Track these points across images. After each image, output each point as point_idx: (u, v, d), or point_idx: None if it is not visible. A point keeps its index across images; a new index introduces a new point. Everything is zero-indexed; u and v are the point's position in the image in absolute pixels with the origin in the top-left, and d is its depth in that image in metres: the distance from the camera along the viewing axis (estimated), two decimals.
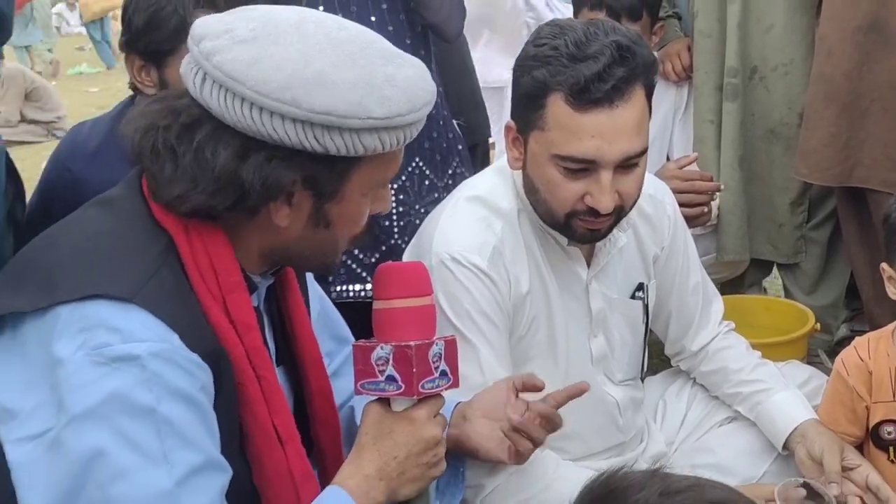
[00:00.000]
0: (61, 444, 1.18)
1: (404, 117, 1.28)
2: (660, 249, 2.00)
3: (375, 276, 1.44)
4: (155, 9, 1.85)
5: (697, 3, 2.82)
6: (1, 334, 1.26)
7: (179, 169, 1.26)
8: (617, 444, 1.99)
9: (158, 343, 1.21)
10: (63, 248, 1.29)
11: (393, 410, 1.41)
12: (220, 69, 1.22)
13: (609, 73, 1.61)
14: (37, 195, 2.06)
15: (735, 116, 2.79)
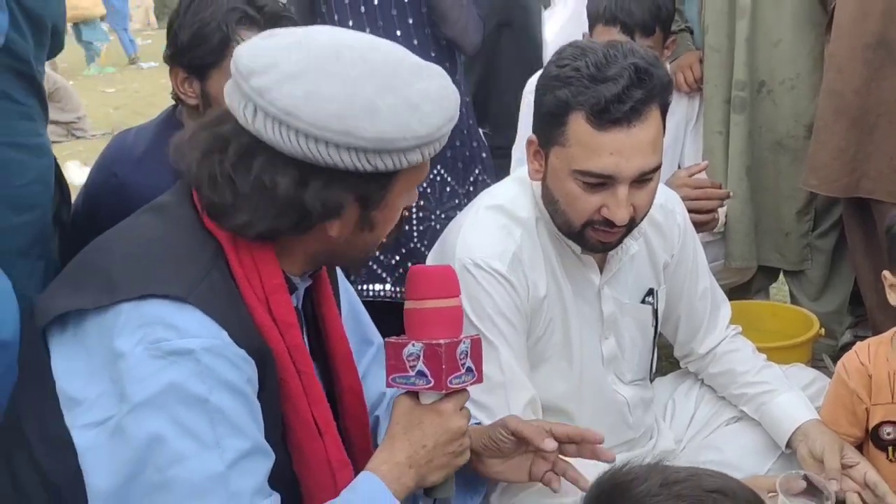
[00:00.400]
0: (123, 430, 1.28)
1: (441, 129, 1.39)
2: (670, 256, 2.10)
3: (408, 278, 1.54)
4: (199, 25, 1.96)
5: (708, 19, 2.91)
6: (65, 330, 1.36)
7: (240, 197, 1.36)
8: (627, 440, 2.09)
9: (210, 339, 1.31)
10: (121, 251, 1.39)
11: (422, 403, 1.51)
12: (275, 105, 1.30)
13: (627, 94, 1.70)
14: (82, 198, 2.17)
15: (743, 128, 2.88)
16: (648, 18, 2.69)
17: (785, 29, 2.82)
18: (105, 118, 9.27)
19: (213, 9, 1.96)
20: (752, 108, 2.88)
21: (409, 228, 2.50)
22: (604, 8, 2.70)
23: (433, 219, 2.53)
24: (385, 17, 2.45)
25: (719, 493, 1.10)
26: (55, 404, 1.33)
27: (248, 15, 1.97)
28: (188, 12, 1.99)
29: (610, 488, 1.16)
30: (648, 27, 2.70)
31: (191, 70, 2.02)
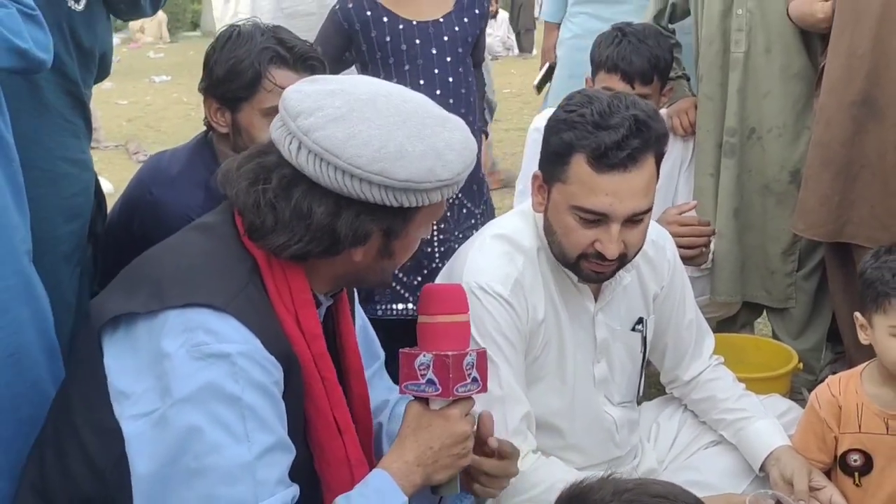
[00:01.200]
0: (166, 421, 1.45)
1: (460, 174, 1.58)
2: (659, 288, 2.26)
3: (421, 295, 1.71)
4: (234, 62, 2.13)
5: (702, 69, 3.08)
6: (116, 331, 1.52)
7: (280, 222, 1.53)
8: (613, 458, 2.23)
9: (245, 345, 1.48)
10: (170, 264, 1.56)
11: (431, 408, 1.66)
12: (318, 144, 1.48)
13: (626, 142, 1.87)
14: (118, 210, 2.33)
15: (732, 171, 3.03)
16: (647, 68, 2.86)
17: (774, 82, 2.98)
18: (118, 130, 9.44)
19: (247, 47, 2.13)
20: (742, 153, 3.03)
21: (430, 250, 2.67)
22: (606, 57, 2.87)
23: (452, 239, 2.70)
24: (427, 74, 2.64)
25: (663, 497, 1.25)
26: (105, 397, 1.49)
27: (279, 54, 2.14)
28: (224, 49, 2.16)
29: (569, 498, 1.33)
30: (647, 76, 2.87)
31: (223, 102, 2.18)
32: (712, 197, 3.09)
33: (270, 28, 2.21)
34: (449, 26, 2.67)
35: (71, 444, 1.54)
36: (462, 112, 2.68)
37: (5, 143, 1.65)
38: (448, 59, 2.65)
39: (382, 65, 2.62)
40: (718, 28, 2.99)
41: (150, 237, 1.89)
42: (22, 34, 1.57)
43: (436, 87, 2.63)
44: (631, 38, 2.88)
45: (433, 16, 2.66)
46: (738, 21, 2.96)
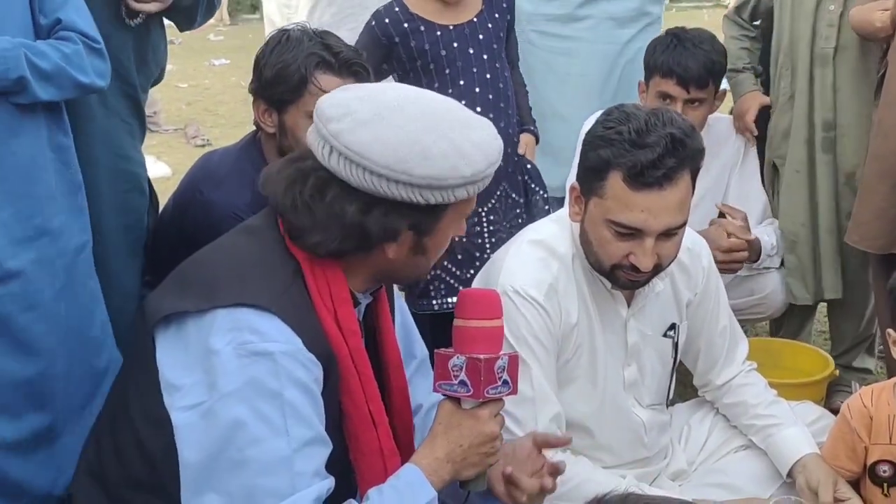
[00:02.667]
0: (213, 413, 1.54)
1: (484, 171, 1.64)
2: (693, 295, 2.29)
3: (458, 300, 1.77)
4: (282, 66, 2.21)
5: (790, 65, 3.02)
6: (168, 328, 1.62)
7: (315, 221, 1.61)
8: (642, 458, 2.28)
9: (287, 344, 1.56)
10: (219, 265, 1.66)
11: (462, 408, 1.73)
12: (348, 147, 1.56)
13: (662, 162, 1.91)
14: (171, 208, 2.43)
15: (829, 167, 3.00)
16: (703, 73, 2.88)
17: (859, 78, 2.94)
18: (178, 113, 9.60)
19: (294, 52, 2.21)
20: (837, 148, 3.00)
21: (481, 242, 2.73)
22: (661, 61, 2.90)
23: (502, 230, 2.76)
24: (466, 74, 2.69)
25: None
26: (157, 389, 1.59)
27: (325, 60, 2.22)
28: (273, 53, 2.24)
29: None
30: (702, 80, 2.89)
31: (271, 103, 2.26)
32: (803, 193, 3.06)
33: (319, 33, 2.29)
34: (482, 24, 2.72)
35: (125, 431, 1.65)
36: (501, 107, 2.74)
37: (65, 149, 1.78)
38: (485, 56, 2.71)
39: (423, 72, 2.68)
40: (809, 23, 2.96)
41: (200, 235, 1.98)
42: (85, 69, 1.74)
43: (475, 85, 2.69)
44: (686, 43, 2.90)
45: (467, 17, 2.72)
46: (829, 16, 2.93)
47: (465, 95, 2.66)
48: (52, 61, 1.68)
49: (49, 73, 1.68)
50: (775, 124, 3.11)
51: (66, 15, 1.75)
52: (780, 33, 3.09)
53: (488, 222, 2.73)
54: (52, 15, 1.74)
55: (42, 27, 1.74)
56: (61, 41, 1.74)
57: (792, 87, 3.04)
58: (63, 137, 1.78)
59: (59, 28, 1.74)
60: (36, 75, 1.67)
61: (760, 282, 3.08)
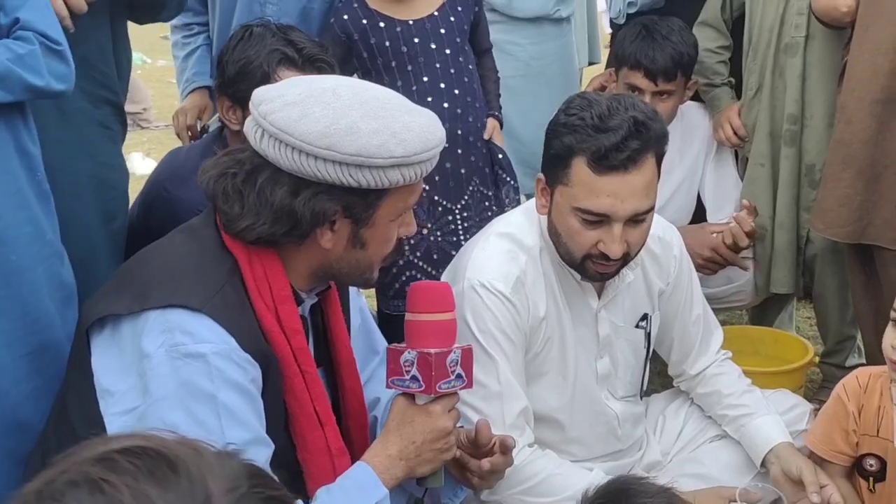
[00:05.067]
0: (146, 419, 1.52)
1: (419, 155, 1.59)
2: (665, 284, 2.28)
3: (409, 293, 1.75)
4: (245, 62, 2.20)
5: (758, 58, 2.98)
6: (103, 330, 1.60)
7: (246, 206, 1.59)
8: (615, 451, 2.27)
9: (220, 345, 1.54)
10: (154, 265, 1.64)
11: (416, 404, 1.72)
12: (274, 125, 1.54)
13: (625, 144, 1.90)
14: (137, 207, 2.42)
15: (792, 160, 2.96)
16: (670, 66, 2.87)
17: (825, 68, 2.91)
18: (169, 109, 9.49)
19: (257, 48, 2.19)
20: (802, 141, 2.97)
21: (456, 240, 2.70)
22: (629, 53, 2.88)
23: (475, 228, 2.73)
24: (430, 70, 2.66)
25: None
26: (93, 394, 1.58)
27: (287, 56, 2.20)
28: (236, 49, 2.22)
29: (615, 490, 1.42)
30: (670, 73, 2.88)
31: (234, 100, 2.25)
32: (767, 187, 3.03)
33: (282, 29, 2.27)
34: (444, 18, 2.69)
35: (67, 437, 1.62)
36: (468, 100, 2.72)
37: (31, 155, 1.76)
38: (447, 51, 2.68)
39: (385, 69, 2.65)
40: (778, 12, 2.93)
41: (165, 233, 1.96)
42: (40, 71, 1.69)
43: (439, 80, 2.66)
44: (655, 35, 2.88)
45: (427, 11, 2.69)
46: (798, 4, 2.90)
47: (431, 92, 2.63)
48: (0, 63, 1.64)
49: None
50: (744, 120, 3.08)
51: (25, 14, 1.70)
52: (750, 28, 3.06)
53: (462, 219, 2.71)
54: (11, 14, 1.70)
55: (3, 27, 1.71)
56: (17, 41, 1.69)
57: (759, 80, 3.01)
58: (30, 144, 1.75)
59: (17, 28, 1.70)
60: None
61: (738, 270, 3.06)
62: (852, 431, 2.11)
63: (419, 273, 2.68)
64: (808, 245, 3.02)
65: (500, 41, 3.17)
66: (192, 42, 2.82)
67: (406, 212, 1.70)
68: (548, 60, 3.30)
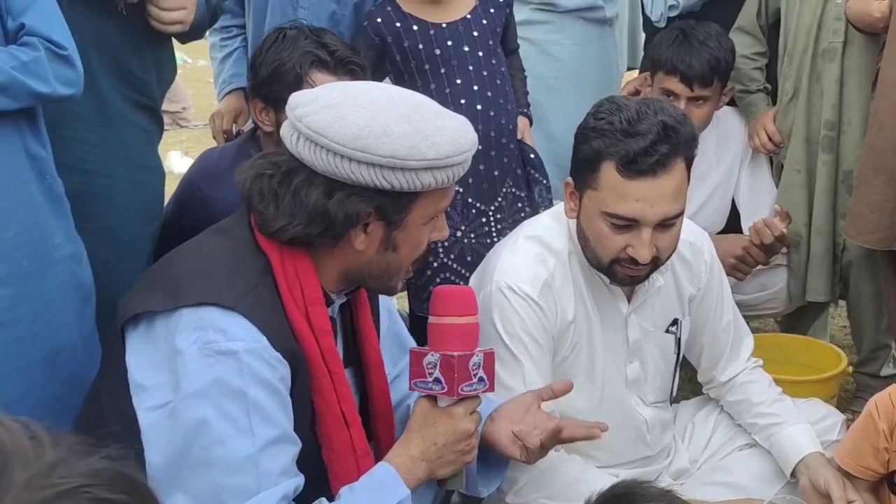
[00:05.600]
0: (178, 414, 1.55)
1: (451, 159, 1.61)
2: (696, 290, 2.26)
3: (432, 297, 1.77)
4: (278, 64, 2.22)
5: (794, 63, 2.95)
6: (137, 327, 1.63)
7: (281, 207, 1.62)
8: (643, 457, 2.26)
9: (251, 343, 1.56)
10: (188, 263, 1.66)
11: (438, 406, 1.73)
12: (310, 127, 1.57)
13: (654, 148, 1.89)
14: (172, 207, 2.45)
15: (830, 166, 2.93)
16: (707, 71, 2.84)
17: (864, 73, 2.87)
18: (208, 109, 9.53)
19: (290, 50, 2.21)
20: (840, 147, 2.93)
21: (490, 242, 2.67)
22: (666, 58, 2.86)
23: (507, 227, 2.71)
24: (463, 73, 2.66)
25: None
26: (127, 390, 1.60)
27: (319, 58, 2.22)
28: (269, 51, 2.24)
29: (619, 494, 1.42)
30: (707, 79, 2.85)
31: (267, 101, 2.27)
32: (802, 193, 3.00)
33: (315, 31, 2.29)
34: (477, 21, 2.69)
35: (100, 432, 1.64)
36: (501, 102, 2.71)
37: (40, 159, 1.78)
38: (480, 53, 2.67)
39: (418, 72, 2.65)
40: (815, 17, 2.90)
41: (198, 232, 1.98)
42: (45, 78, 1.70)
43: (472, 82, 2.66)
44: (692, 40, 2.86)
45: (460, 14, 2.68)
46: (836, 9, 2.86)
47: (464, 94, 2.63)
48: (4, 71, 1.65)
49: (1, 84, 1.65)
50: (779, 126, 3.04)
51: (30, 19, 1.71)
52: (786, 33, 3.03)
53: (496, 221, 2.71)
54: (17, 18, 1.71)
55: (10, 31, 1.72)
56: (22, 48, 1.71)
57: (795, 85, 2.98)
58: (40, 148, 1.77)
59: (23, 33, 1.71)
60: None
61: (772, 277, 3.04)
62: (883, 449, 2.07)
63: (453, 275, 2.68)
64: (843, 252, 2.98)
65: (542, 41, 3.17)
66: (230, 44, 2.85)
67: (438, 216, 1.71)
68: (589, 62, 3.27)
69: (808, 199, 3.00)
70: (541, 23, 3.18)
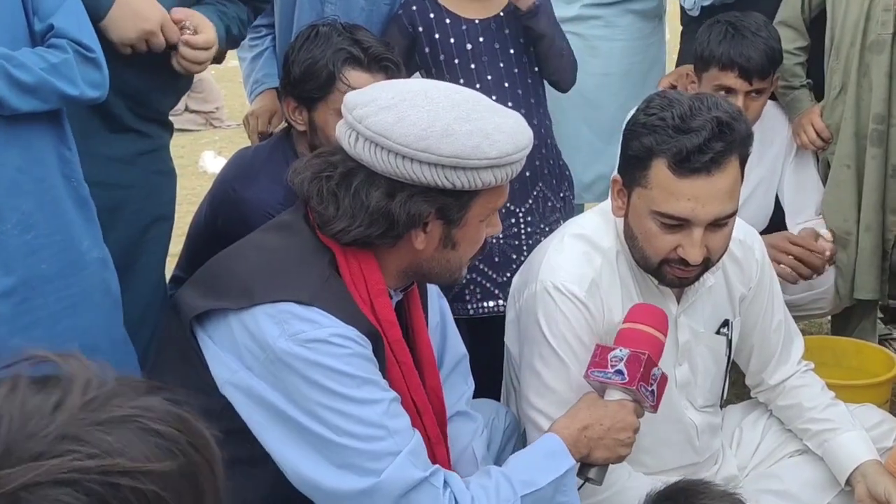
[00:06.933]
0: (287, 416, 1.58)
1: (511, 156, 1.62)
2: (747, 290, 2.18)
3: (633, 307, 1.91)
4: (310, 62, 2.18)
5: (842, 56, 2.88)
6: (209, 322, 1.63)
7: (341, 209, 1.62)
8: (691, 463, 2.18)
9: (336, 328, 1.58)
10: (255, 261, 1.67)
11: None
12: (371, 129, 1.57)
13: (708, 146, 1.82)
14: (205, 207, 2.42)
15: (879, 161, 2.85)
16: (766, 62, 2.75)
17: None
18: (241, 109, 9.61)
19: (323, 48, 2.18)
20: (889, 141, 2.85)
21: (518, 243, 2.65)
22: (721, 53, 2.75)
23: (539, 233, 2.68)
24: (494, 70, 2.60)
25: None
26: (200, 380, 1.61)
27: (353, 56, 2.18)
28: (301, 49, 2.21)
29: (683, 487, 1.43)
30: (765, 71, 2.76)
31: (300, 101, 2.23)
32: (852, 189, 2.92)
33: (348, 28, 2.25)
34: (510, 18, 2.63)
35: None
36: (532, 102, 2.66)
37: (68, 161, 1.76)
38: (511, 51, 2.62)
39: (447, 67, 2.59)
40: (863, 9, 2.82)
41: (233, 232, 1.96)
42: (74, 80, 1.69)
43: (503, 79, 2.61)
44: (745, 32, 2.77)
45: (493, 11, 2.63)
46: (884, 1, 2.78)
47: (495, 90, 2.57)
48: (34, 73, 1.63)
49: (31, 86, 1.63)
50: (826, 121, 2.96)
51: (58, 21, 1.70)
52: (832, 26, 2.94)
53: (525, 223, 2.66)
54: (45, 20, 1.70)
55: (37, 33, 1.71)
56: (50, 49, 1.69)
57: (843, 79, 2.90)
58: (66, 150, 1.75)
59: (51, 35, 1.70)
60: (15, 88, 1.62)
61: (820, 276, 2.94)
62: None
63: (479, 276, 2.62)
64: (894, 249, 2.91)
65: (594, 37, 3.12)
66: (260, 44, 2.81)
67: (494, 212, 1.71)
68: (639, 58, 3.22)
69: (857, 195, 2.92)
70: (591, 18, 3.13)
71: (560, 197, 2.76)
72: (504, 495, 1.65)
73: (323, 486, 1.57)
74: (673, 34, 3.64)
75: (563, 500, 1.72)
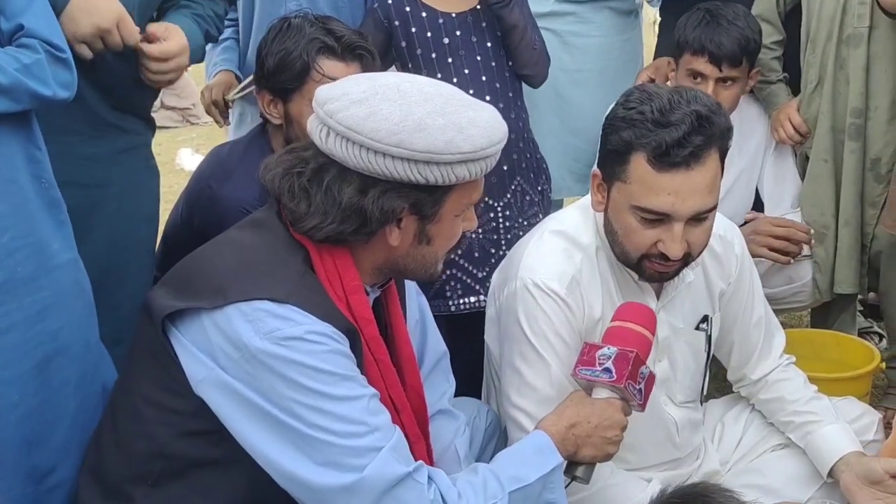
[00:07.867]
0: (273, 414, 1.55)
1: (486, 150, 1.59)
2: (726, 285, 2.18)
3: (621, 306, 1.90)
4: (284, 53, 2.16)
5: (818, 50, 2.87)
6: (182, 322, 1.60)
7: (313, 205, 1.59)
8: (672, 459, 2.18)
9: (312, 325, 1.55)
10: (229, 259, 1.63)
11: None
12: (342, 124, 1.55)
13: (688, 140, 1.80)
14: (182, 204, 2.39)
15: (857, 155, 2.84)
16: (737, 50, 2.75)
17: None
18: None
19: (296, 39, 2.16)
20: (867, 135, 2.84)
21: (496, 238, 2.64)
22: (693, 38, 2.76)
23: (517, 227, 2.67)
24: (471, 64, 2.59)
25: None
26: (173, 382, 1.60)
27: (327, 45, 2.16)
28: (274, 41, 2.19)
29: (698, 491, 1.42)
30: (736, 58, 2.76)
31: (275, 93, 2.21)
32: (830, 183, 2.91)
33: (320, 19, 2.23)
34: (486, 12, 2.61)
35: (130, 425, 1.65)
36: (510, 96, 2.65)
37: (37, 161, 1.73)
38: (488, 44, 2.60)
39: (424, 61, 2.57)
40: (839, 3, 2.80)
41: (209, 230, 1.94)
42: (46, 81, 1.67)
43: (480, 73, 2.59)
44: (720, 20, 2.77)
45: (469, 5, 2.62)
46: None
47: (472, 85, 2.55)
48: (8, 74, 1.61)
49: (5, 87, 1.61)
50: (804, 116, 2.96)
51: (28, 21, 1.67)
52: (808, 20, 2.93)
53: (504, 217, 2.64)
54: (13, 19, 1.67)
55: (4, 32, 1.68)
56: (22, 49, 1.67)
57: (819, 73, 2.89)
58: (35, 150, 1.72)
59: (21, 35, 1.67)
60: None
61: (799, 269, 2.94)
62: None
63: (459, 271, 2.61)
64: (872, 242, 2.90)
65: (568, 33, 3.09)
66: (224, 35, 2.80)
67: (469, 207, 1.69)
68: (615, 54, 3.19)
69: (835, 190, 2.92)
70: (565, 14, 3.10)
71: (538, 191, 2.74)
72: (492, 491, 1.64)
73: (306, 483, 1.55)
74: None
75: (550, 497, 1.71)
